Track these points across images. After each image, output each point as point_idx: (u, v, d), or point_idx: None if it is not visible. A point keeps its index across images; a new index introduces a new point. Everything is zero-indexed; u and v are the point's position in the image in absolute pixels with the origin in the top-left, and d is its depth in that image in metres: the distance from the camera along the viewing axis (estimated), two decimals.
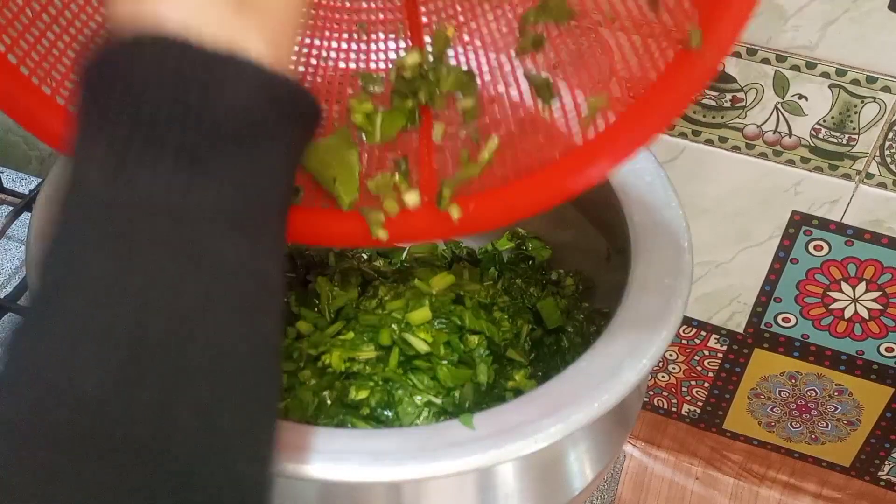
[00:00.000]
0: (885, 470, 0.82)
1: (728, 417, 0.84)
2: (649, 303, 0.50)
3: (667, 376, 0.84)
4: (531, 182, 0.45)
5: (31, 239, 0.51)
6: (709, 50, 0.39)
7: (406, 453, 0.42)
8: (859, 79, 0.62)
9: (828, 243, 0.70)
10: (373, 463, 0.42)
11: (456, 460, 0.43)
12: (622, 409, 0.49)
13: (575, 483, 0.50)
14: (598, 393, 0.45)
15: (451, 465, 0.43)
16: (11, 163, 0.91)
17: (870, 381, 0.76)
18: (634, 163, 0.57)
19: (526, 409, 0.45)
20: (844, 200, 0.68)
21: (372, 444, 0.43)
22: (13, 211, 0.81)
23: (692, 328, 0.79)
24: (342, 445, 0.43)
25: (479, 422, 0.44)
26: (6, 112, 0.44)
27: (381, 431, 0.45)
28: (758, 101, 0.65)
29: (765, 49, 0.63)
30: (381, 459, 0.42)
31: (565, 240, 0.66)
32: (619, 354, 0.47)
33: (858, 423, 0.80)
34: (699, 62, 0.40)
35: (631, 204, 0.55)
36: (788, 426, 0.83)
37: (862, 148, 0.65)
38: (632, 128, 0.43)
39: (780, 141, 0.66)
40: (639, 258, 0.52)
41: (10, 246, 0.81)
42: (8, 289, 0.77)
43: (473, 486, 0.47)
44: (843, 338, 0.75)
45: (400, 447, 0.43)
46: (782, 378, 0.79)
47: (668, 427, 0.86)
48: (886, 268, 0.70)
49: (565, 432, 0.44)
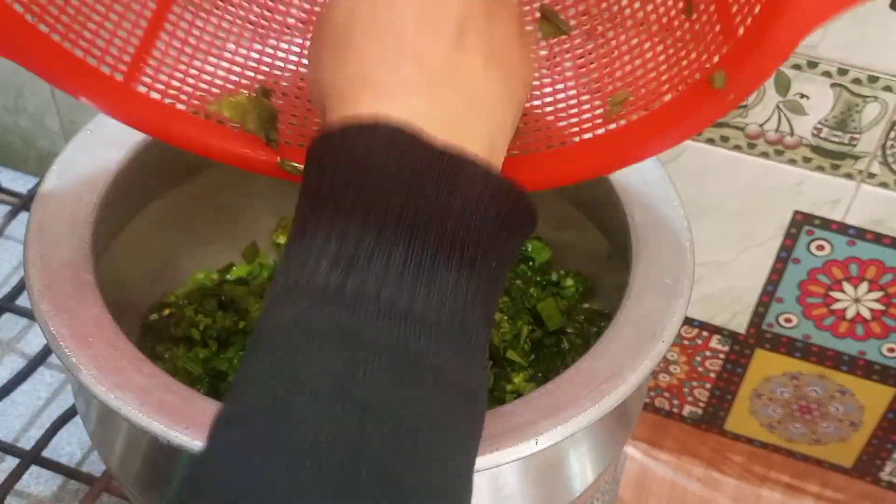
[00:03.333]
0: (886, 471, 0.82)
1: (729, 418, 0.84)
2: (650, 303, 0.49)
3: (668, 377, 0.83)
4: (522, 163, 0.46)
5: (28, 239, 0.50)
6: (731, 92, 0.39)
7: None
8: (861, 78, 0.62)
9: (830, 243, 0.70)
10: None
11: None
12: (623, 410, 0.49)
13: (576, 484, 0.50)
14: (598, 394, 0.45)
15: None
16: (9, 162, 0.91)
17: (872, 381, 0.76)
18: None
19: (526, 410, 0.45)
20: (846, 200, 0.67)
21: None
22: (11, 210, 0.81)
23: (694, 329, 0.79)
24: None
25: None
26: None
27: None
28: (759, 100, 0.65)
29: None
30: None
31: (566, 240, 0.66)
32: (620, 355, 0.47)
33: (860, 424, 0.80)
34: (716, 100, 0.39)
35: (632, 203, 0.55)
36: (790, 427, 0.82)
37: (864, 147, 0.65)
38: (634, 141, 0.43)
39: (782, 140, 0.66)
40: (640, 258, 0.52)
41: (8, 246, 0.81)
42: (6, 288, 0.76)
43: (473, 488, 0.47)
44: (845, 338, 0.75)
45: None
46: (784, 379, 0.79)
47: (670, 428, 0.85)
48: (888, 268, 0.70)
49: (566, 433, 0.44)
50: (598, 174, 0.45)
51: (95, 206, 0.53)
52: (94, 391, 0.44)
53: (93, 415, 0.51)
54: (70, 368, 0.45)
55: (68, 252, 0.50)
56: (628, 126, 0.44)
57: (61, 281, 0.48)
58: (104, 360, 0.45)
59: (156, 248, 0.62)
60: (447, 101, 0.35)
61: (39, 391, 0.72)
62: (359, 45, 0.36)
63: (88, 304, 0.48)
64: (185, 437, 0.42)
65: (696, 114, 0.41)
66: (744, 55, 0.38)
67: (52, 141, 0.90)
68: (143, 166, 0.56)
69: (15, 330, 0.76)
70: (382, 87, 0.35)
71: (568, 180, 0.47)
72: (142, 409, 0.43)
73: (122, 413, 0.43)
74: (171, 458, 0.47)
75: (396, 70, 0.35)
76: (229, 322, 0.61)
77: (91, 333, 0.46)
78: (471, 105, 0.36)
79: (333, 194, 0.33)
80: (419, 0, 0.36)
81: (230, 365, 0.59)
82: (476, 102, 0.36)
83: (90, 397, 0.46)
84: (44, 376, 0.73)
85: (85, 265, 0.49)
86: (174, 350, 0.61)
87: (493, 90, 0.37)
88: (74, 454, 0.68)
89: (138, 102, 0.47)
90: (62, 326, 0.46)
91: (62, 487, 0.66)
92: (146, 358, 0.46)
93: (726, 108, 0.40)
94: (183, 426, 0.42)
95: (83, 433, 0.67)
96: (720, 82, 0.39)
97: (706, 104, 0.40)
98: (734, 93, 0.39)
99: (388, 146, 0.33)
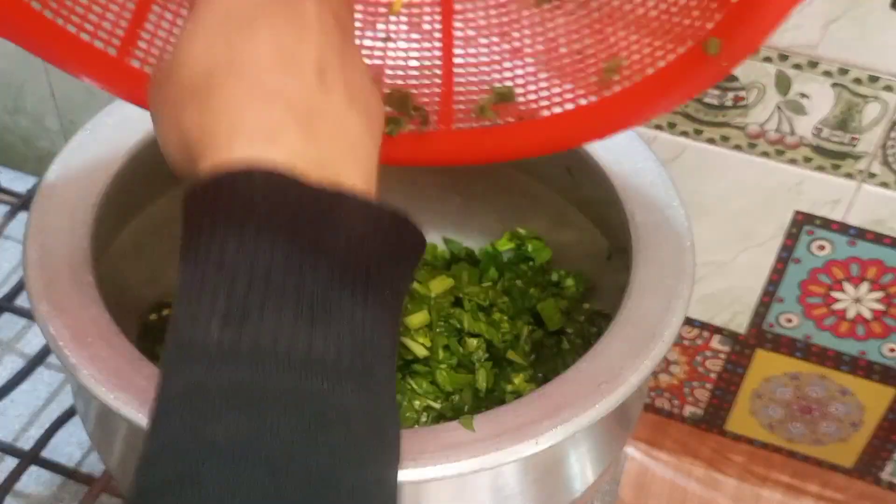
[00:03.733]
0: (887, 471, 0.82)
1: (730, 419, 0.84)
2: (651, 304, 0.49)
3: (668, 377, 0.83)
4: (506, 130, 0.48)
5: (28, 239, 0.50)
6: (724, 59, 0.39)
7: (406, 455, 0.42)
8: (861, 78, 0.61)
9: (830, 243, 0.70)
10: None
11: (456, 462, 0.43)
12: (623, 410, 0.49)
13: (576, 485, 0.50)
14: (599, 394, 0.45)
15: (452, 467, 0.43)
16: (9, 162, 0.91)
17: (872, 381, 0.76)
18: (635, 162, 0.57)
19: (527, 410, 0.45)
20: (847, 200, 0.67)
21: None
22: (10, 210, 0.81)
23: (694, 329, 0.79)
24: None
25: (480, 423, 0.44)
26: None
27: None
28: (760, 100, 0.65)
29: (767, 48, 0.62)
30: None
31: (566, 240, 0.66)
32: (621, 356, 0.47)
33: (861, 425, 0.80)
34: (710, 66, 0.40)
35: (632, 204, 0.55)
36: (790, 427, 0.82)
37: (864, 147, 0.65)
38: (627, 108, 0.44)
39: (783, 140, 0.66)
40: (640, 258, 0.52)
41: (8, 245, 0.81)
42: (5, 288, 0.76)
43: (474, 489, 0.47)
44: (846, 338, 0.74)
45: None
46: (784, 379, 0.79)
47: (670, 428, 0.85)
48: (889, 268, 0.70)
49: (566, 434, 0.44)
50: (592, 139, 0.46)
51: (95, 206, 0.53)
52: (94, 391, 0.44)
53: (92, 415, 0.51)
54: (69, 369, 0.45)
55: (68, 252, 0.50)
56: (622, 93, 0.44)
57: (61, 281, 0.48)
58: (103, 361, 0.45)
59: (155, 248, 0.62)
60: (318, 141, 0.35)
61: (39, 391, 0.72)
62: (221, 91, 0.35)
63: (88, 305, 0.48)
64: None
65: (689, 80, 0.41)
66: (738, 22, 0.39)
67: (51, 141, 0.90)
68: (143, 166, 0.56)
69: (14, 330, 0.76)
70: (252, 132, 0.34)
71: (563, 146, 0.48)
72: (141, 409, 0.43)
73: (121, 413, 0.43)
74: None
75: (264, 113, 0.34)
76: None
77: (90, 333, 0.46)
78: (340, 143, 0.36)
79: (215, 247, 0.32)
80: (277, 42, 0.36)
81: None
82: (345, 140, 0.36)
83: (89, 397, 0.46)
84: (43, 376, 0.72)
85: (84, 265, 0.49)
86: None
87: (357, 127, 0.37)
88: (74, 454, 0.68)
89: (132, 76, 0.47)
90: (61, 327, 0.46)
91: (61, 487, 0.66)
92: (145, 358, 0.46)
93: (719, 74, 0.40)
94: None
95: (82, 433, 0.66)
96: (714, 49, 0.39)
97: (699, 71, 0.41)
98: (727, 60, 0.39)
99: (265, 191, 0.32)
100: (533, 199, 0.66)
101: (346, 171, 0.35)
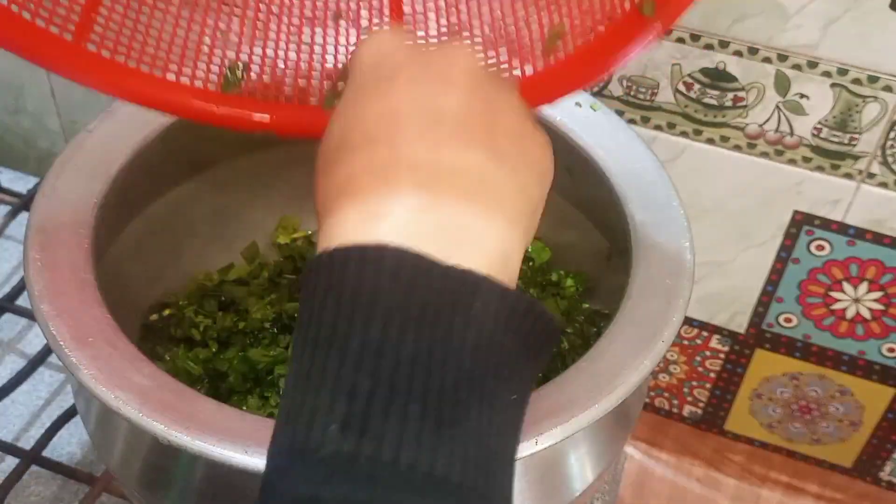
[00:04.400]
0: (886, 471, 0.82)
1: (729, 418, 0.84)
2: (650, 303, 0.49)
3: (668, 377, 0.83)
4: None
5: (28, 239, 0.50)
6: (659, 19, 0.41)
7: None
8: (861, 78, 0.62)
9: (829, 243, 0.70)
10: None
11: None
12: (623, 410, 0.49)
13: (575, 484, 0.50)
14: (598, 394, 0.45)
15: None
16: (9, 162, 0.91)
17: (871, 381, 0.76)
18: (635, 162, 0.57)
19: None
20: (846, 200, 0.67)
21: None
22: (11, 210, 0.81)
23: (693, 329, 0.79)
24: None
25: None
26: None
27: None
28: (759, 100, 0.65)
29: (766, 48, 0.62)
30: None
31: (565, 240, 0.66)
32: (620, 355, 0.47)
33: (860, 424, 0.80)
34: (646, 27, 0.42)
35: (632, 204, 0.55)
36: (790, 427, 0.82)
37: (863, 147, 0.65)
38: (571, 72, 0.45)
39: (782, 140, 0.66)
40: (640, 258, 0.52)
41: (8, 246, 0.81)
42: (6, 288, 0.76)
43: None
44: (845, 338, 0.75)
45: None
46: (784, 379, 0.79)
47: (670, 428, 0.85)
48: (888, 268, 0.70)
49: (566, 433, 0.44)
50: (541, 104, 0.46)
51: (95, 206, 0.53)
52: (95, 391, 0.44)
53: (93, 415, 0.51)
54: (70, 368, 0.45)
55: (68, 252, 0.50)
56: (567, 58, 0.46)
57: (61, 281, 0.48)
58: (104, 361, 0.45)
59: (156, 248, 0.62)
60: (446, 205, 0.32)
61: (39, 391, 0.72)
62: (350, 160, 0.33)
63: (88, 305, 0.48)
64: (186, 437, 0.42)
65: (629, 41, 0.43)
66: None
67: (52, 141, 0.90)
68: (143, 166, 0.56)
69: (15, 330, 0.76)
70: (365, 203, 0.32)
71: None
72: (142, 409, 0.43)
73: (122, 413, 0.43)
74: (171, 458, 0.47)
75: (384, 182, 0.32)
76: (229, 322, 0.61)
77: (91, 333, 0.46)
78: (477, 203, 0.32)
79: (336, 336, 0.30)
80: (413, 104, 0.34)
81: (230, 365, 0.59)
82: (484, 200, 0.32)
83: (90, 397, 0.46)
84: (44, 376, 0.72)
85: (85, 265, 0.49)
86: (174, 350, 0.61)
87: (505, 184, 0.33)
88: (74, 454, 0.68)
89: (89, 61, 0.48)
90: (62, 326, 0.46)
91: (62, 487, 0.66)
92: (146, 358, 0.46)
93: (655, 34, 0.42)
94: (183, 426, 0.42)
95: (83, 433, 0.67)
96: (649, 10, 0.41)
97: (638, 32, 0.42)
98: (661, 20, 0.41)
99: (391, 275, 0.30)
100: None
101: (479, 238, 0.32)
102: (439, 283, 0.30)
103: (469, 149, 0.33)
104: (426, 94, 0.34)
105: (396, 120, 0.33)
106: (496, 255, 0.32)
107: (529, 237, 0.35)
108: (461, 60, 0.35)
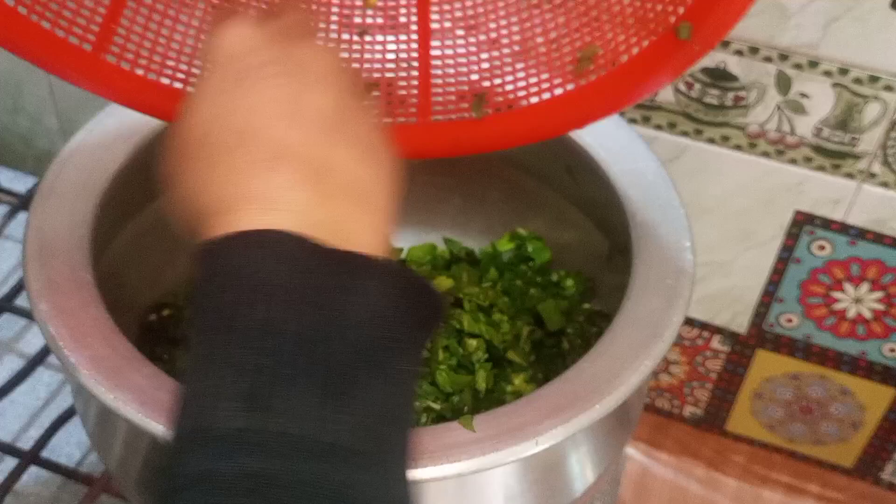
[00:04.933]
0: (887, 471, 0.82)
1: (730, 419, 0.84)
2: (651, 303, 0.49)
3: (668, 377, 0.83)
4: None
5: (27, 239, 0.50)
6: (696, 43, 0.39)
7: None
8: (862, 78, 0.61)
9: (831, 243, 0.70)
10: None
11: (456, 462, 0.43)
12: (624, 410, 0.49)
13: (576, 485, 0.50)
14: (599, 394, 0.45)
15: (452, 467, 0.43)
16: (8, 162, 0.91)
17: (873, 382, 0.76)
18: (635, 162, 0.57)
19: (527, 410, 0.45)
20: (847, 200, 0.67)
21: None
22: (10, 210, 0.81)
23: (694, 329, 0.79)
24: None
25: (480, 424, 0.44)
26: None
27: None
28: (760, 99, 0.65)
29: (767, 47, 0.62)
30: None
31: (566, 240, 0.66)
32: (621, 356, 0.47)
33: (861, 425, 0.79)
34: (682, 51, 0.40)
35: (632, 204, 0.55)
36: (791, 427, 0.82)
37: (864, 147, 0.64)
38: (604, 95, 0.44)
39: (783, 140, 0.66)
40: (640, 258, 0.52)
41: (7, 245, 0.81)
42: (5, 288, 0.76)
43: (474, 489, 0.46)
44: (846, 338, 0.74)
45: None
46: (785, 379, 0.79)
47: (670, 429, 0.85)
48: (889, 268, 0.70)
49: (566, 434, 0.44)
50: (571, 129, 0.46)
51: (95, 206, 0.53)
52: (94, 391, 0.44)
53: (92, 415, 0.51)
54: (69, 369, 0.45)
55: (67, 252, 0.50)
56: (598, 80, 0.45)
57: (60, 281, 0.48)
58: (103, 361, 0.45)
59: (155, 249, 0.62)
60: (327, 197, 0.34)
61: (38, 391, 0.72)
62: (228, 156, 0.34)
63: (87, 305, 0.48)
64: None
65: (663, 66, 0.42)
66: (708, 6, 0.39)
67: (51, 140, 0.89)
68: (143, 166, 0.56)
69: (14, 330, 0.76)
70: (259, 196, 0.33)
71: (542, 136, 0.48)
72: (141, 409, 0.43)
73: (121, 413, 0.43)
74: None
75: (271, 175, 0.34)
76: None
77: (90, 334, 0.46)
78: (350, 196, 0.35)
79: (224, 319, 0.31)
80: (279, 101, 0.35)
81: None
82: (355, 193, 0.35)
83: (89, 397, 0.46)
84: (43, 376, 0.72)
85: (84, 265, 0.49)
86: (173, 352, 0.60)
87: (369, 182, 0.36)
88: (73, 454, 0.68)
89: (108, 73, 0.47)
90: (61, 327, 0.46)
91: (61, 488, 0.66)
92: (145, 358, 0.46)
93: (692, 59, 0.41)
94: None
95: (82, 433, 0.66)
96: (685, 34, 0.40)
97: (672, 56, 0.41)
98: (699, 44, 0.40)
99: (278, 257, 0.31)
100: (533, 199, 0.66)
101: (359, 226, 0.34)
102: (325, 261, 0.32)
103: (339, 146, 0.35)
104: (300, 91, 0.36)
105: (269, 115, 0.35)
106: (376, 242, 0.35)
107: (391, 229, 0.37)
108: (330, 61, 0.37)
